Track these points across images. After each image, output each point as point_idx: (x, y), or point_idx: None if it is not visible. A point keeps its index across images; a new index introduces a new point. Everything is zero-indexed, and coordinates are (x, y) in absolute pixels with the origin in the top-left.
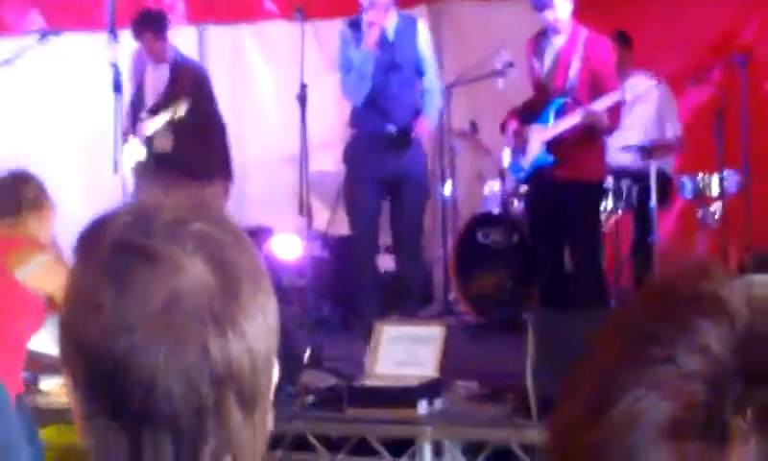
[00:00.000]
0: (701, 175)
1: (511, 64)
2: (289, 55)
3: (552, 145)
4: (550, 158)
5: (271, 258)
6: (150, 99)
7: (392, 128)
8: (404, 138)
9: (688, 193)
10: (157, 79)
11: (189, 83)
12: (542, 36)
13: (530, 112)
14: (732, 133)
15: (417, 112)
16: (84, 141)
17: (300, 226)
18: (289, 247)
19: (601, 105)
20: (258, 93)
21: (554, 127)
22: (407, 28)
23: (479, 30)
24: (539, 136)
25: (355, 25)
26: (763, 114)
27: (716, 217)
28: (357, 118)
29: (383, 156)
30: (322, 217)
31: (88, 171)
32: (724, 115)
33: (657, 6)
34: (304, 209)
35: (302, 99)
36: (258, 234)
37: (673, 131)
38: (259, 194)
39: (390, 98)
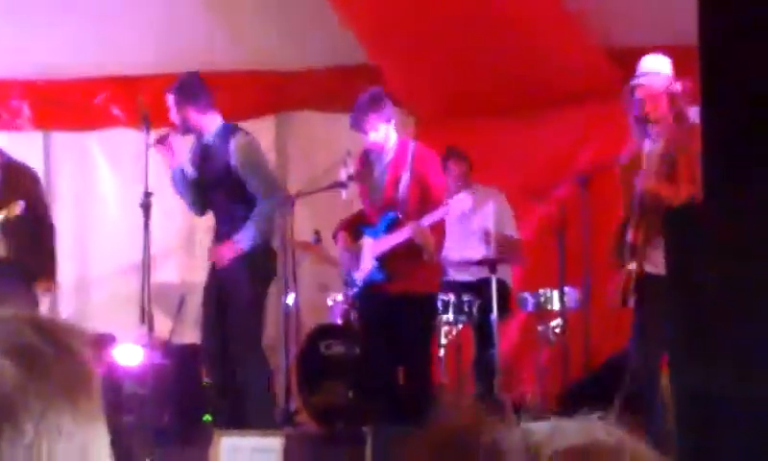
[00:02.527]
0: (542, 290)
1: (355, 176)
2: (134, 163)
3: (383, 259)
4: (381, 274)
5: (113, 366)
6: None
7: (217, 242)
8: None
9: (529, 307)
10: None
11: (25, 183)
12: (371, 150)
13: (362, 225)
14: (572, 250)
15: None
16: None
17: (142, 334)
18: (131, 355)
19: (428, 220)
20: (103, 200)
21: (384, 241)
22: (223, 140)
23: (324, 141)
24: (370, 250)
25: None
26: (603, 233)
27: (556, 332)
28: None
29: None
30: (164, 326)
31: None
32: (565, 233)
33: (500, 125)
34: (146, 318)
35: (146, 207)
36: (100, 342)
37: (511, 234)
38: (102, 301)
39: (218, 211)
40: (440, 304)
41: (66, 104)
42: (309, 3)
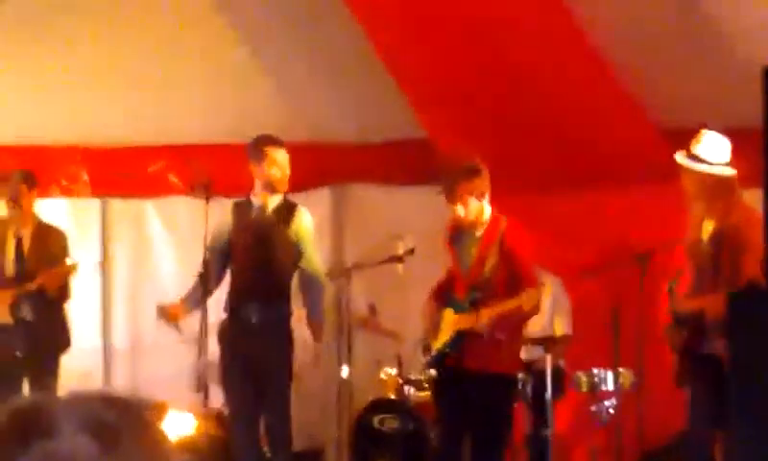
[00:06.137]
0: (595, 370)
1: (412, 251)
2: (192, 230)
3: (464, 334)
4: (455, 348)
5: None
6: (10, 265)
7: (261, 313)
8: (272, 324)
9: (583, 387)
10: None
11: (55, 245)
12: (460, 224)
13: (448, 296)
14: (627, 330)
15: (288, 298)
16: None
17: (197, 404)
18: (183, 424)
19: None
20: (158, 267)
21: (465, 320)
22: (286, 213)
23: (380, 213)
24: (450, 323)
25: (244, 205)
26: (657, 314)
27: (610, 412)
28: (231, 302)
29: (252, 340)
30: (219, 396)
31: None
32: (620, 313)
33: (556, 202)
34: (201, 387)
35: (204, 276)
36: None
37: (563, 327)
38: (156, 369)
39: (264, 283)
40: None
41: (124, 171)
42: (368, 76)
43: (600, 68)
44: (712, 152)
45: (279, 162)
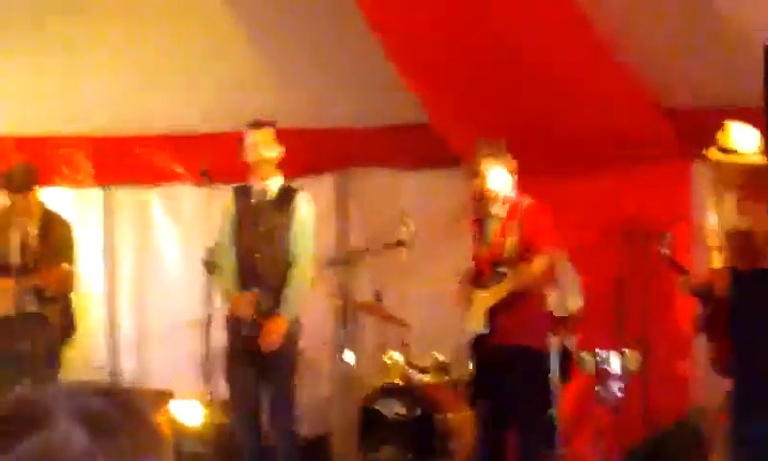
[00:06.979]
0: (600, 351)
1: (415, 235)
2: (196, 218)
3: (491, 313)
4: (486, 327)
5: (171, 423)
6: (15, 255)
7: (266, 297)
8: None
9: (589, 369)
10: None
11: (61, 233)
12: (483, 202)
13: (476, 277)
14: (632, 311)
15: None
16: None
17: (203, 392)
18: (190, 413)
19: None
20: (163, 256)
21: (493, 295)
22: (285, 198)
23: (385, 198)
24: (480, 303)
25: (244, 190)
26: (663, 295)
27: (616, 394)
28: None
29: (258, 324)
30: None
31: None
32: (622, 294)
33: (557, 184)
34: (208, 376)
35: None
36: (157, 399)
37: (575, 304)
38: (162, 358)
39: (269, 267)
40: None
41: (127, 160)
42: (370, 61)
43: (603, 50)
44: (743, 141)
45: (250, 145)
